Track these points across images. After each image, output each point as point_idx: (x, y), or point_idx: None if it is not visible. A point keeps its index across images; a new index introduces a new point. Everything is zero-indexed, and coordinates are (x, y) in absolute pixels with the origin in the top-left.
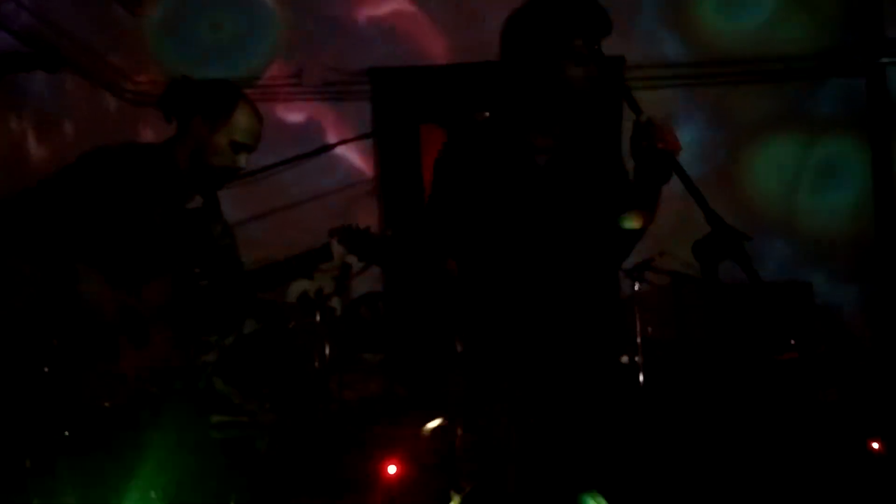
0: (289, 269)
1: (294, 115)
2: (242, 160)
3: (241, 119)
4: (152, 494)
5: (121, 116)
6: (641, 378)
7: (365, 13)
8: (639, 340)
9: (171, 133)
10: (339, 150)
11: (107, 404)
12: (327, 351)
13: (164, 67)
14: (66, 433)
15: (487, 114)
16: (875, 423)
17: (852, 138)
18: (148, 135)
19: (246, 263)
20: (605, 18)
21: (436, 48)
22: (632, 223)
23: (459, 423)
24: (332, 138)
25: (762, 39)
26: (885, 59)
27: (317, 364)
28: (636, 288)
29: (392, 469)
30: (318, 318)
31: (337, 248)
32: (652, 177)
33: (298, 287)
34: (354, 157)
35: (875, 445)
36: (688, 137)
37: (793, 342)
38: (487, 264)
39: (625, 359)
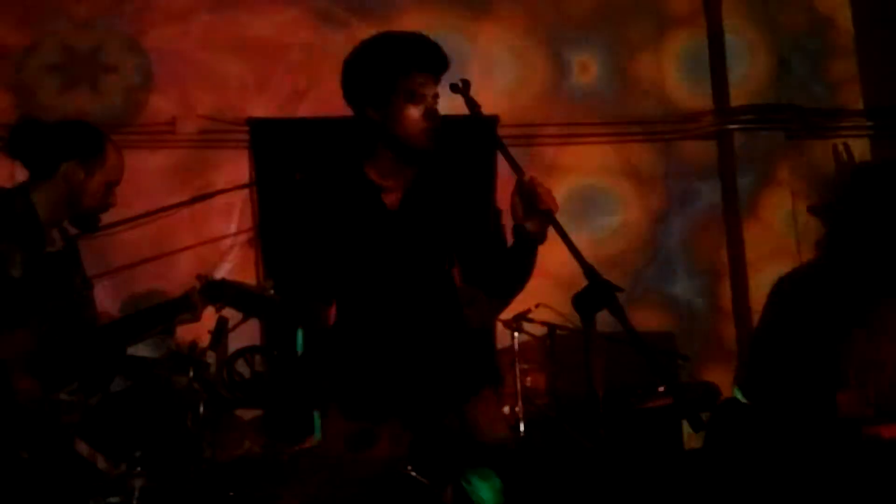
0: (148, 320)
1: (168, 163)
2: (113, 197)
3: (113, 158)
4: None
5: None
6: (522, 428)
7: (239, 62)
8: (518, 389)
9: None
10: (216, 199)
11: None
12: (201, 409)
13: (28, 111)
14: None
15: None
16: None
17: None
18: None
19: (113, 316)
20: (438, 53)
21: (311, 99)
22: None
23: None
24: (207, 187)
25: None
26: (731, 126)
27: (189, 423)
28: (515, 338)
29: None
30: (191, 373)
31: (201, 299)
32: (532, 235)
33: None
34: (232, 206)
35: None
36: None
37: (661, 389)
38: (347, 304)
39: (506, 409)
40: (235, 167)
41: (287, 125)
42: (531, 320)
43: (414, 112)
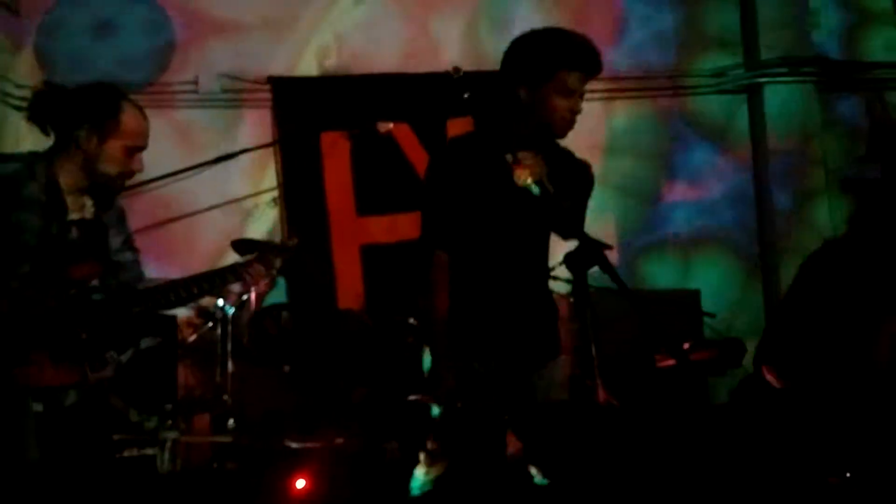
0: (197, 288)
1: (192, 123)
2: (137, 163)
3: (130, 122)
4: None
5: (4, 121)
6: None
7: (262, 20)
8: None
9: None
10: (240, 158)
11: None
12: (230, 365)
13: (51, 72)
14: None
15: (391, 125)
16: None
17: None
18: (32, 142)
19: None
20: (598, 59)
21: (334, 57)
22: None
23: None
24: (231, 146)
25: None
26: (761, 80)
27: (218, 379)
28: None
29: (301, 483)
30: (219, 331)
31: (257, 270)
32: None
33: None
34: (256, 165)
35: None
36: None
37: (686, 346)
38: (471, 263)
39: None
40: (258, 126)
41: (309, 83)
42: (555, 278)
43: (563, 104)
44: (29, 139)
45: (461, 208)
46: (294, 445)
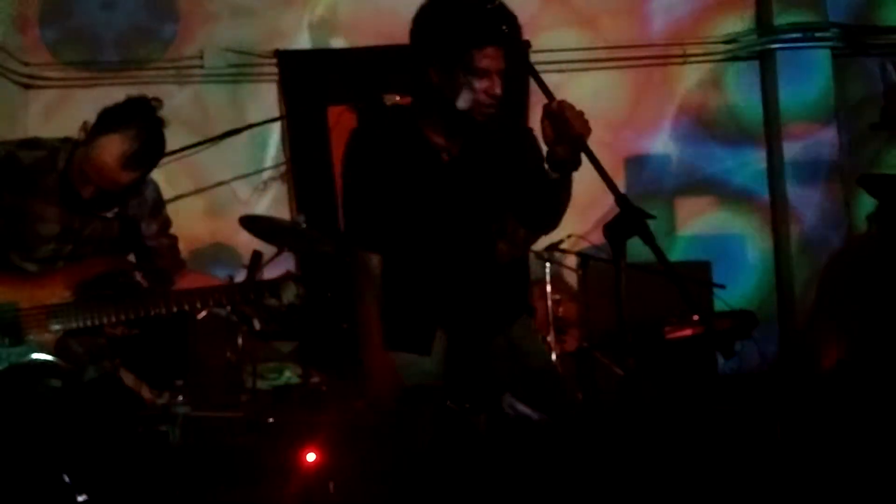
0: (230, 296)
1: (198, 99)
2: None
3: (101, 154)
4: (65, 478)
5: (10, 99)
6: (554, 357)
7: None
8: (550, 320)
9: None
10: (247, 133)
11: None
12: (240, 341)
13: (56, 49)
14: None
15: (398, 97)
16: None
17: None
18: (38, 120)
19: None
20: (515, 25)
21: (341, 30)
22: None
23: None
24: (237, 122)
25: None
26: (774, 45)
27: (229, 354)
28: (547, 269)
29: (311, 457)
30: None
31: (292, 288)
32: (565, 161)
33: None
34: (262, 140)
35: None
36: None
37: (695, 318)
38: (398, 249)
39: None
40: (265, 101)
41: (316, 56)
42: (564, 251)
43: (477, 85)
44: (37, 118)
45: (385, 203)
46: (303, 419)
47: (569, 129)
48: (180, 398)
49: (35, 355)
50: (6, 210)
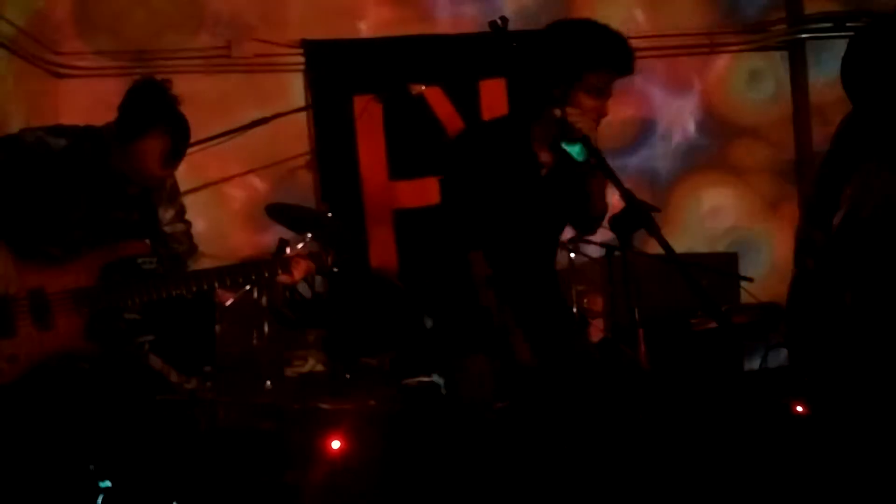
0: (243, 275)
1: (224, 88)
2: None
3: (146, 152)
4: (91, 467)
5: (41, 88)
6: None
7: None
8: (574, 311)
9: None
10: (273, 123)
11: None
12: (266, 328)
13: (86, 39)
14: None
15: (423, 86)
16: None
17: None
18: (69, 109)
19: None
20: (630, 57)
21: (367, 20)
22: None
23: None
24: (264, 111)
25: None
26: (804, 35)
27: (255, 341)
28: (572, 258)
29: (336, 444)
30: (255, 294)
31: (303, 265)
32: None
33: None
34: (288, 130)
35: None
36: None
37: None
38: (491, 248)
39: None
40: (291, 90)
41: (342, 46)
42: (588, 242)
43: (590, 104)
44: (67, 106)
45: (488, 204)
46: (328, 407)
47: (574, 133)
48: (208, 384)
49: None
50: (36, 196)
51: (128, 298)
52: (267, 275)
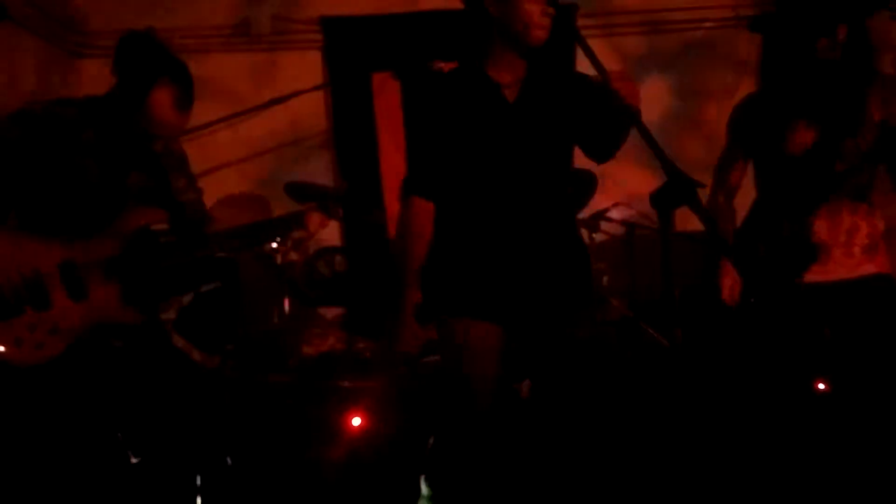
0: (260, 233)
1: (243, 66)
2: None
3: (158, 107)
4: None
5: (61, 68)
6: None
7: None
8: (594, 288)
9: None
10: (291, 101)
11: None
12: (286, 307)
13: (106, 18)
14: None
15: (443, 64)
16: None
17: None
18: (90, 89)
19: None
20: None
21: None
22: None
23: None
24: (282, 89)
25: None
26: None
27: (276, 320)
28: (593, 238)
29: (356, 421)
30: (275, 272)
31: (318, 218)
32: (615, 128)
33: None
34: (306, 107)
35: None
36: (645, 85)
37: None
38: (462, 198)
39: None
40: (309, 68)
41: (361, 22)
42: (610, 219)
43: (533, 8)
44: (87, 86)
45: (446, 147)
46: (349, 384)
47: (619, 100)
48: (230, 362)
49: None
50: (54, 165)
51: (157, 263)
52: (282, 230)
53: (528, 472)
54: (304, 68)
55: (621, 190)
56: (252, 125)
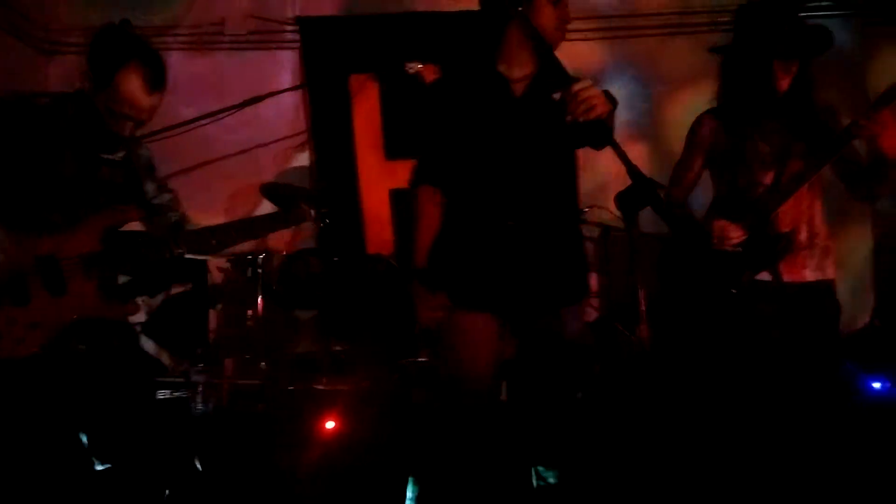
0: (235, 233)
1: (219, 66)
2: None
3: (125, 88)
4: (83, 438)
5: (29, 65)
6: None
7: None
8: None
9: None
10: (268, 101)
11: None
12: (260, 309)
13: (76, 16)
14: None
15: (420, 65)
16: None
17: None
18: (59, 86)
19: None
20: None
21: None
22: None
23: None
24: (258, 89)
25: None
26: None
27: (250, 322)
28: None
29: (330, 424)
30: (249, 275)
31: (295, 216)
32: (588, 141)
33: None
34: (283, 108)
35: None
36: (617, 90)
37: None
38: (467, 188)
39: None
40: (286, 68)
41: (338, 23)
42: (585, 221)
43: (552, 12)
44: (58, 84)
45: (454, 138)
46: (323, 387)
47: (588, 113)
48: (200, 366)
49: None
50: (29, 155)
51: (136, 259)
52: (267, 227)
53: (511, 472)
54: (281, 69)
55: (597, 192)
56: (227, 125)
